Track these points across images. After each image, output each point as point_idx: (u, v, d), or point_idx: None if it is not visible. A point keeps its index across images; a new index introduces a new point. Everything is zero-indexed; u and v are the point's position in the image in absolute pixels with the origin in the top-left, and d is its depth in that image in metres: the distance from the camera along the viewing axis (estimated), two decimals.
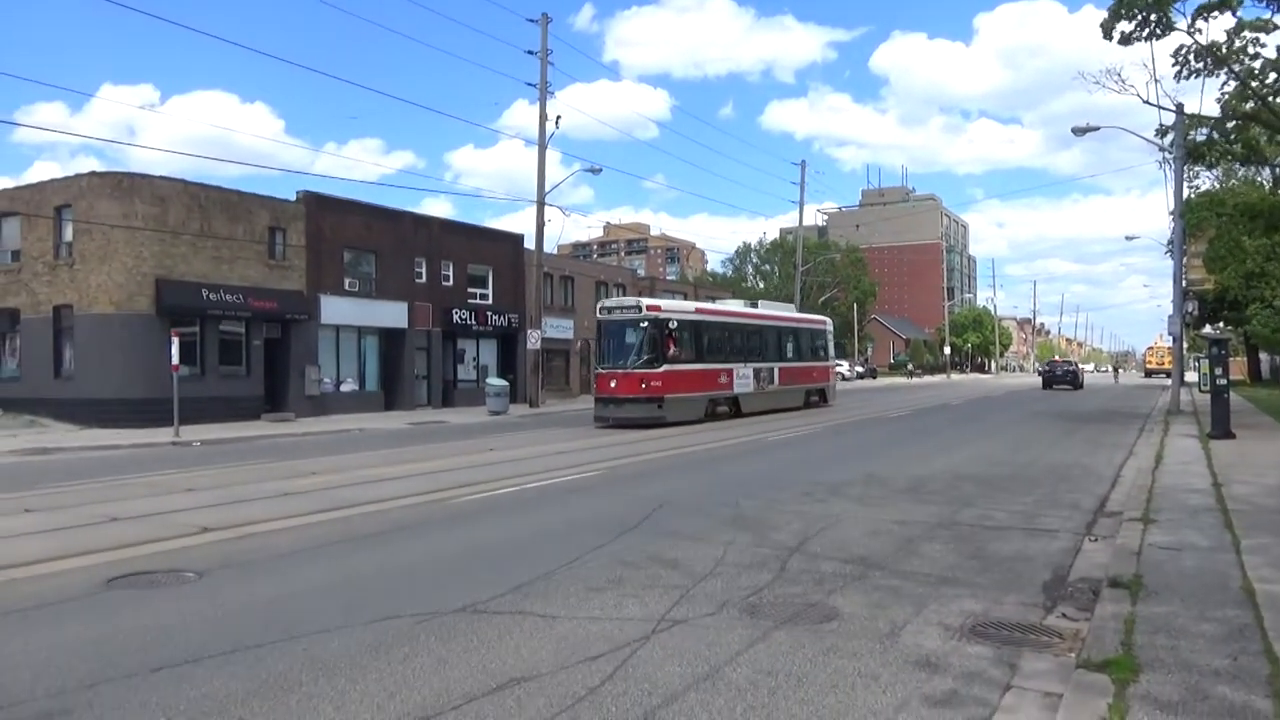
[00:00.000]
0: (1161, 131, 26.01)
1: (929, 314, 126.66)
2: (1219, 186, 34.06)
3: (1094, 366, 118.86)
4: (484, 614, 5.88)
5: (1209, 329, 45.14)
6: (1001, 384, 65.65)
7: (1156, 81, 36.78)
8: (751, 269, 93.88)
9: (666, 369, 23.13)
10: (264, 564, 7.62)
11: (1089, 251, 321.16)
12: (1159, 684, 4.21)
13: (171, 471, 14.63)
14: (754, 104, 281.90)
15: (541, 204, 31.95)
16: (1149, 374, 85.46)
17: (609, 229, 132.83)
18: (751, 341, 27.93)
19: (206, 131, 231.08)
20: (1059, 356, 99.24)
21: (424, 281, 32.52)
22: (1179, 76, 21.85)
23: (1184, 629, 5.03)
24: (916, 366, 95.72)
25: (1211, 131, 24.74)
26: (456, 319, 33.55)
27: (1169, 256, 32.00)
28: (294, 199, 28.64)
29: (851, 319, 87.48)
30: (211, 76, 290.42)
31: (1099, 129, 27.20)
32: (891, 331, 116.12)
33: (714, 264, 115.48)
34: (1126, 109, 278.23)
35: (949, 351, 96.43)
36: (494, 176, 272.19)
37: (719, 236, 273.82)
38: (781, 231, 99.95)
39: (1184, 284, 28.49)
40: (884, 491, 11.26)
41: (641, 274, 71.41)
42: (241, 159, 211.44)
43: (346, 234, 29.91)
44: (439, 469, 14.54)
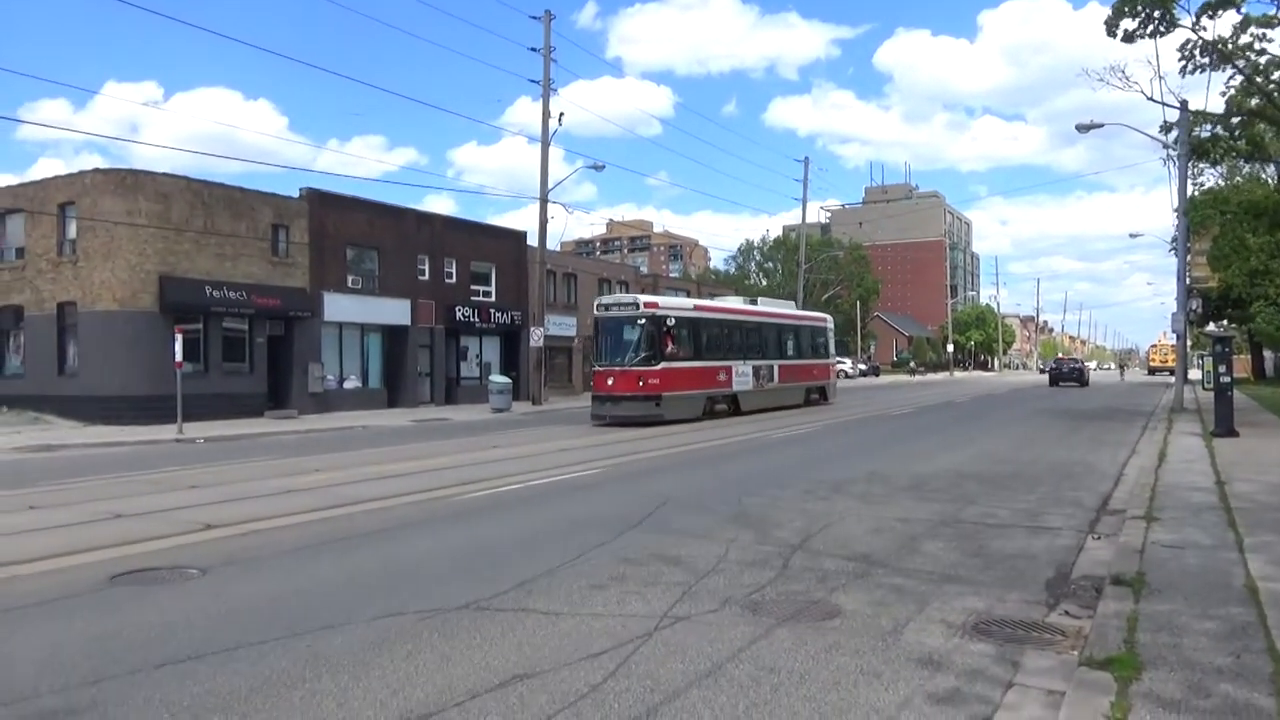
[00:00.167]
0: (1165, 128, 25.95)
1: (932, 311, 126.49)
2: (1223, 184, 34.02)
3: (1095, 364, 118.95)
4: (487, 611, 5.89)
5: (1213, 327, 45.07)
6: (1004, 381, 65.56)
7: (1161, 78, 36.88)
8: (755, 266, 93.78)
9: (664, 366, 22.97)
10: (267, 561, 7.64)
11: (1093, 249, 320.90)
12: (1161, 682, 4.21)
13: (175, 468, 14.66)
14: (757, 101, 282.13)
15: (544, 201, 31.94)
16: (1152, 372, 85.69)
17: (612, 226, 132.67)
18: (751, 339, 27.82)
19: (210, 128, 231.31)
20: (1065, 354, 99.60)
21: (427, 279, 32.55)
22: (1184, 71, 21.82)
23: (1187, 627, 5.03)
24: (919, 364, 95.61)
25: (1216, 127, 24.69)
26: (459, 316, 33.58)
27: (1173, 254, 32.00)
28: (297, 196, 28.67)
29: (854, 316, 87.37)
30: (215, 73, 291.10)
31: (1103, 126, 27.17)
32: (895, 329, 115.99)
33: (717, 261, 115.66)
34: (1131, 106, 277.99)
35: (952, 349, 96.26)
36: (497, 173, 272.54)
37: (722, 234, 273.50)
38: (785, 229, 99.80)
39: (1188, 281, 28.43)
40: (886, 489, 11.25)
41: (645, 271, 71.24)
42: (245, 156, 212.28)
43: (349, 231, 29.94)
44: (442, 466, 14.56)
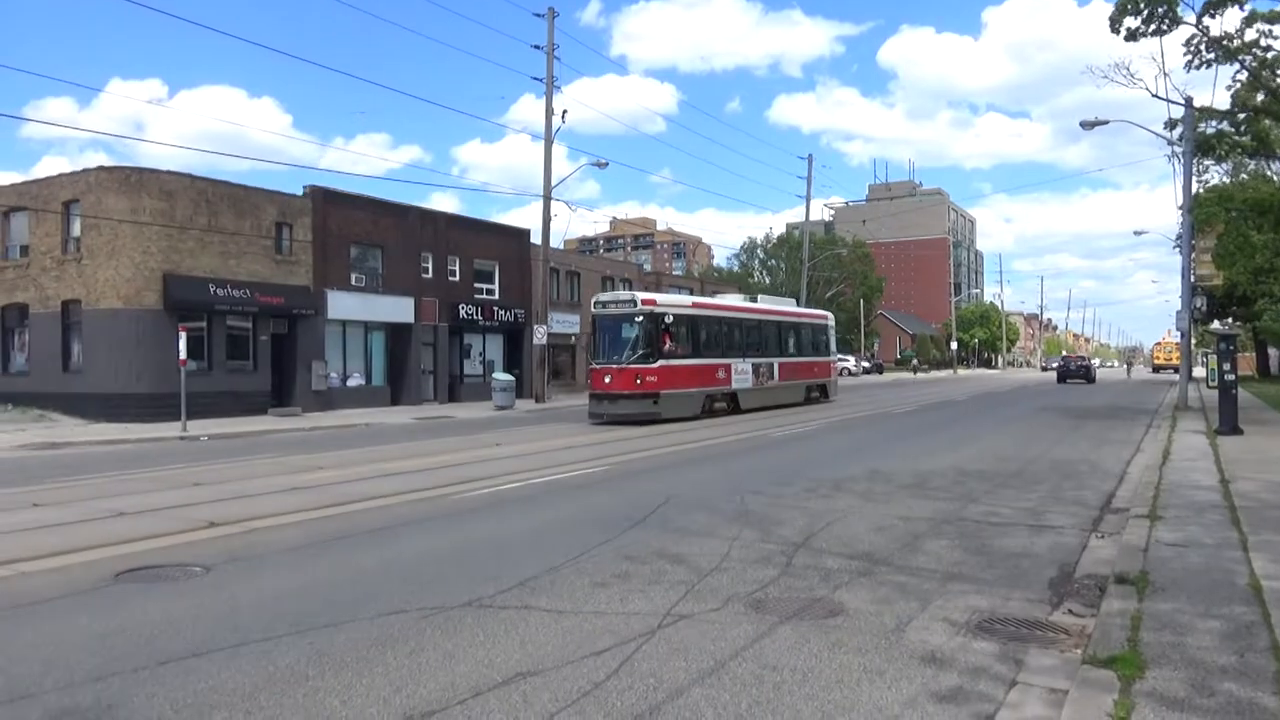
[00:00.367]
0: (1170, 125, 25.91)
1: (936, 309, 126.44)
2: (1229, 181, 33.93)
3: (1099, 362, 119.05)
4: (490, 609, 5.89)
5: (1217, 324, 44.98)
6: (1008, 379, 65.45)
7: (1165, 75, 36.71)
8: (758, 264, 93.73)
9: (662, 364, 22.76)
10: (271, 558, 7.65)
11: (1097, 247, 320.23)
12: (1165, 680, 4.20)
13: (179, 466, 14.68)
14: (761, 98, 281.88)
15: (548, 198, 31.93)
16: (1156, 369, 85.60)
17: (615, 224, 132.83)
18: (750, 337, 27.68)
19: (214, 127, 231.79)
20: (1073, 352, 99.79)
21: (430, 276, 32.56)
22: (1189, 66, 21.80)
23: (1190, 626, 5.02)
24: (923, 362, 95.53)
25: (1222, 123, 24.64)
26: (463, 314, 33.59)
27: (1177, 252, 31.97)
28: (301, 194, 28.68)
29: (858, 314, 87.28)
30: (219, 72, 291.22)
31: (1108, 123, 27.10)
32: (898, 327, 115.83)
33: (720, 259, 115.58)
34: (1136, 103, 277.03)
35: (956, 347, 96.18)
36: (500, 171, 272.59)
37: (726, 231, 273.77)
38: (788, 227, 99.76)
39: (1192, 279, 28.38)
40: (889, 487, 11.25)
41: (648, 269, 71.31)
42: (249, 154, 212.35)
43: (353, 229, 29.95)
44: (445, 464, 14.57)
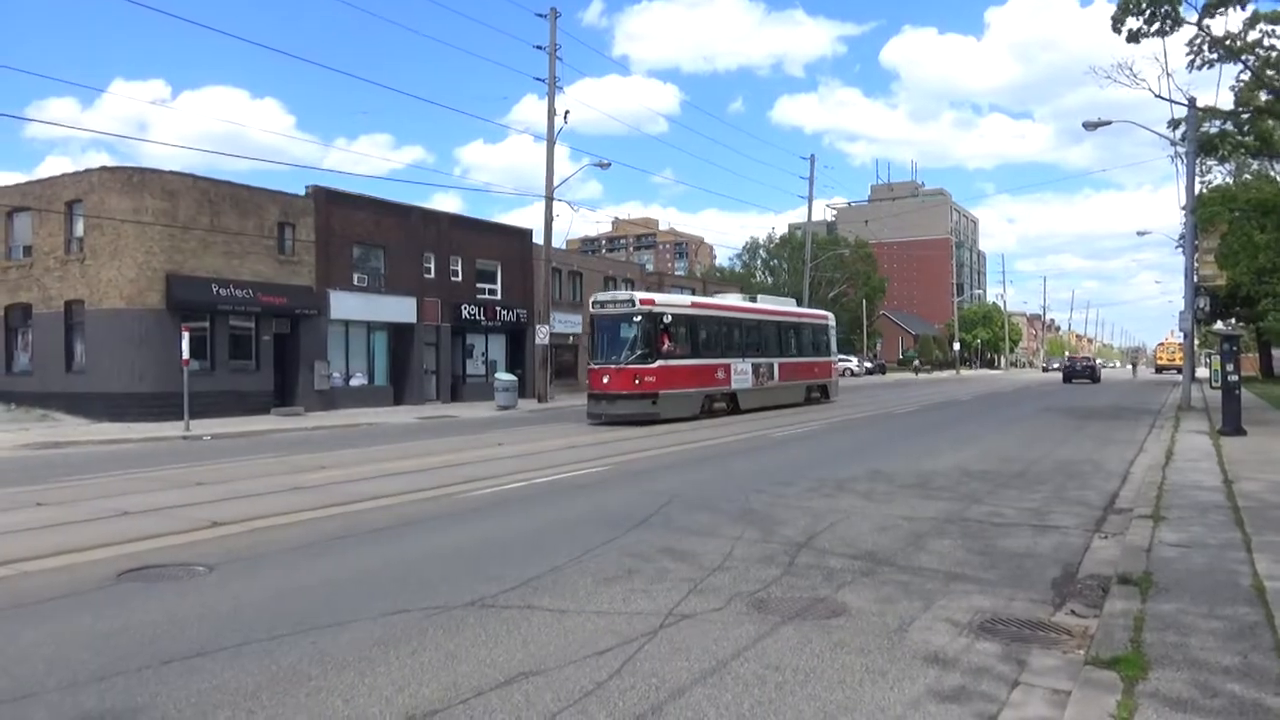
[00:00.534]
0: (1173, 125, 25.87)
1: (938, 310, 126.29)
2: (1232, 181, 33.86)
3: (1101, 362, 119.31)
4: (492, 608, 5.89)
5: (1220, 325, 44.89)
6: (1011, 380, 65.40)
7: (1169, 75, 36.70)
8: (760, 265, 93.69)
9: (661, 364, 22.62)
10: (273, 558, 7.66)
11: (1100, 247, 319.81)
12: (1168, 681, 4.19)
13: (182, 466, 14.70)
14: (764, 98, 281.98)
15: (550, 199, 31.93)
16: (1160, 370, 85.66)
17: (618, 224, 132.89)
18: (750, 336, 27.56)
19: (217, 127, 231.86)
20: (1079, 353, 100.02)
21: (433, 277, 32.58)
22: (1191, 66, 21.76)
23: (1193, 626, 5.01)
24: (925, 362, 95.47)
25: (1225, 123, 24.60)
26: (465, 314, 33.61)
27: (1180, 252, 31.88)
28: (303, 194, 28.71)
29: (860, 315, 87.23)
30: (222, 72, 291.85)
31: (1111, 123, 27.09)
32: (901, 327, 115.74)
33: (723, 259, 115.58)
34: (1139, 103, 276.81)
35: (958, 347, 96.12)
36: (502, 171, 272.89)
37: (728, 231, 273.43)
38: (790, 227, 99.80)
39: (1196, 279, 28.32)
40: (891, 487, 11.24)
41: (650, 269, 71.30)
42: (252, 154, 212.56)
43: (356, 229, 29.97)
44: (448, 464, 14.57)
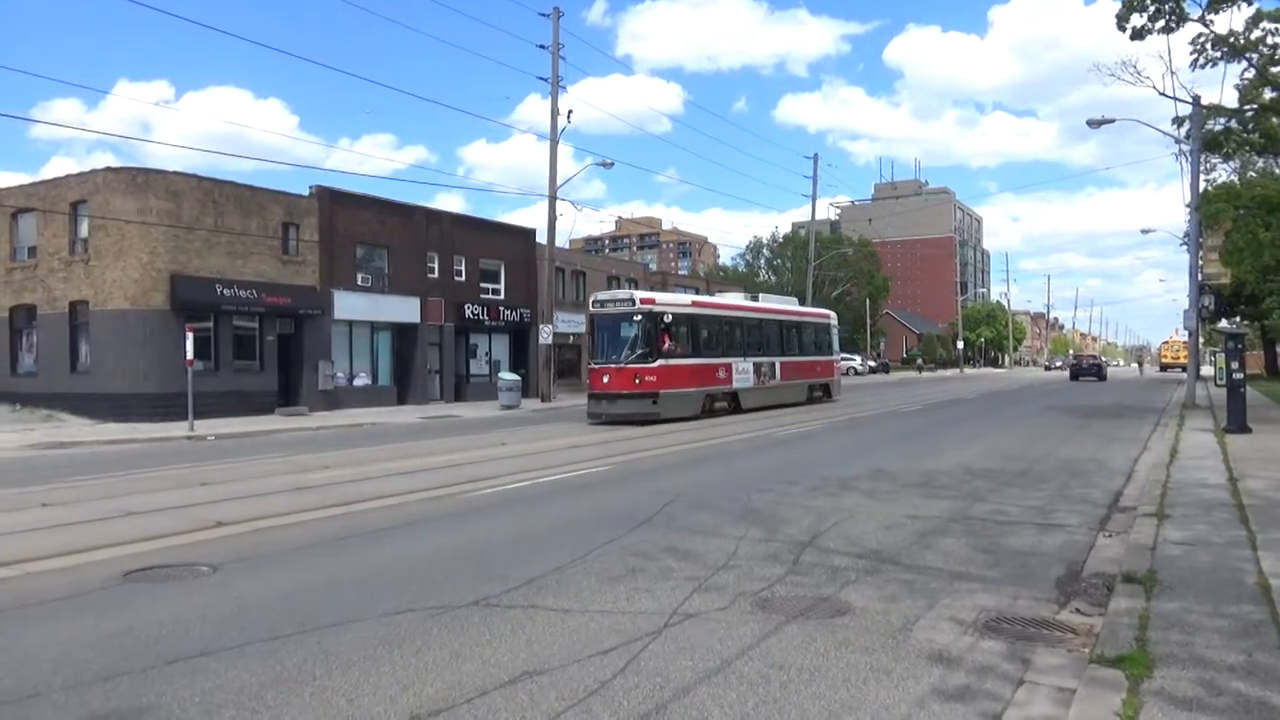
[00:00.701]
0: (1178, 122, 25.80)
1: (942, 308, 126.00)
2: (1236, 179, 33.77)
3: (1107, 360, 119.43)
4: (496, 608, 5.90)
5: (1225, 323, 44.78)
6: (1015, 378, 65.29)
7: (1173, 73, 36.62)
8: (764, 264, 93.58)
9: (661, 363, 22.55)
10: (278, 558, 7.67)
11: (1104, 245, 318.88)
12: (1173, 680, 4.19)
13: (186, 466, 14.73)
14: (767, 98, 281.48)
15: (553, 198, 31.94)
16: (1164, 368, 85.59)
17: (621, 223, 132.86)
18: (752, 335, 27.52)
19: (221, 128, 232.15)
20: (1086, 351, 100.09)
21: (436, 276, 32.61)
22: (1195, 65, 21.70)
23: (1198, 625, 5.00)
24: (928, 361, 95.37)
25: (1229, 121, 24.53)
26: (469, 314, 33.64)
27: (1185, 250, 31.78)
28: (307, 194, 28.75)
29: (864, 314, 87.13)
30: (226, 73, 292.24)
31: (1114, 121, 27.06)
32: (905, 326, 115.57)
33: (726, 259, 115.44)
34: (1143, 101, 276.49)
35: (962, 346, 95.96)
36: (506, 171, 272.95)
37: (732, 231, 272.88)
38: (794, 226, 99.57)
39: (1200, 278, 28.26)
40: (895, 486, 11.23)
41: (653, 269, 71.26)
42: (255, 155, 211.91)
43: (359, 229, 30.01)
44: (451, 463, 14.58)
